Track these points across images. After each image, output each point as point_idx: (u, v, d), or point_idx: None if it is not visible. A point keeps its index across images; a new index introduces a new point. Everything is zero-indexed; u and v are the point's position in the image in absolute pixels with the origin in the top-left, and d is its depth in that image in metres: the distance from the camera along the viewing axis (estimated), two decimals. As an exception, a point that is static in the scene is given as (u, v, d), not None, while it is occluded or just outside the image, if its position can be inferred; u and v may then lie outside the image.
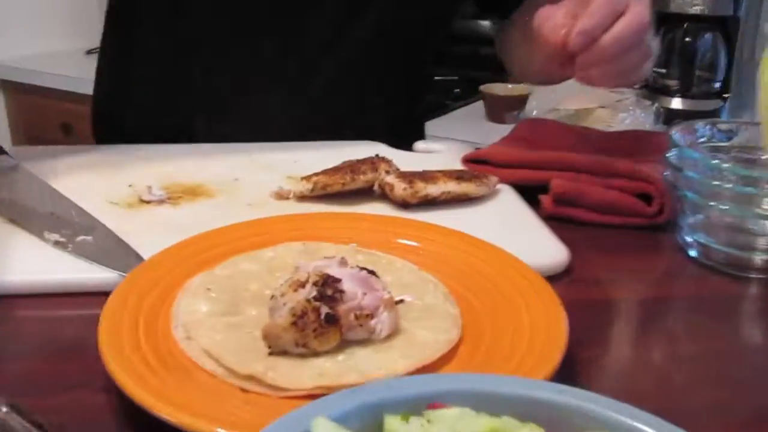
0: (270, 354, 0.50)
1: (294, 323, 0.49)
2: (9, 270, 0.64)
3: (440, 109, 2.14)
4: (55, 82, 2.65)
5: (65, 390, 0.51)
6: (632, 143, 0.95)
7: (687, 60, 2.09)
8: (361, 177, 0.81)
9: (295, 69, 1.04)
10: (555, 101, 2.05)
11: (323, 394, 0.41)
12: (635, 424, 0.35)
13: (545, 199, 0.82)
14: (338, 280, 0.52)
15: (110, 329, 0.50)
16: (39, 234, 0.70)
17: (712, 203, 0.70)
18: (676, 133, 0.74)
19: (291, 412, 0.35)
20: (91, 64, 1.18)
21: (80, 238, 0.68)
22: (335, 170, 0.82)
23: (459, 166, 0.90)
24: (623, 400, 0.36)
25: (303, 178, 0.81)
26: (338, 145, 0.97)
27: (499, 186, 0.84)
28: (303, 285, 0.51)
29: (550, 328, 0.52)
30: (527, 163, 0.86)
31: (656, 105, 1.98)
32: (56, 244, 0.68)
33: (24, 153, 0.93)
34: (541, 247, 0.71)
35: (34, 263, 0.65)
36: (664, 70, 2.14)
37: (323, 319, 0.49)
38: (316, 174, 0.82)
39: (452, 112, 2.17)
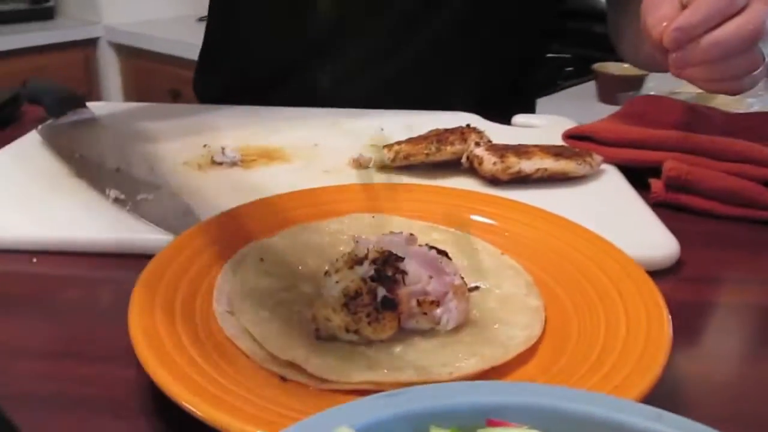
0: (317, 339, 0.44)
1: (345, 305, 0.43)
2: (58, 225, 0.60)
3: (550, 87, 2.02)
4: (166, 47, 2.70)
5: (96, 361, 0.46)
6: (762, 125, 0.83)
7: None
8: (448, 148, 0.73)
9: (393, 26, 0.98)
10: (675, 83, 1.90)
11: (373, 391, 0.35)
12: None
13: (656, 183, 0.73)
14: (401, 259, 0.45)
15: (143, 298, 0.45)
16: (101, 190, 0.66)
17: None
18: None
19: (309, 418, 0.28)
20: (201, 31, 1.16)
21: (141, 196, 0.64)
22: (420, 139, 0.75)
23: (559, 142, 0.81)
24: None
25: (385, 146, 0.75)
26: (430, 114, 0.90)
27: (603, 166, 0.75)
28: (360, 262, 0.45)
29: (650, 334, 0.43)
30: (636, 142, 0.77)
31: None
32: (115, 201, 0.64)
33: (105, 108, 0.90)
34: (646, 237, 0.62)
35: (88, 220, 0.61)
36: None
37: (379, 302, 0.43)
38: (399, 142, 0.75)
39: (562, 90, 2.05)
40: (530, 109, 1.17)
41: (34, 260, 0.58)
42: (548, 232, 0.56)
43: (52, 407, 0.42)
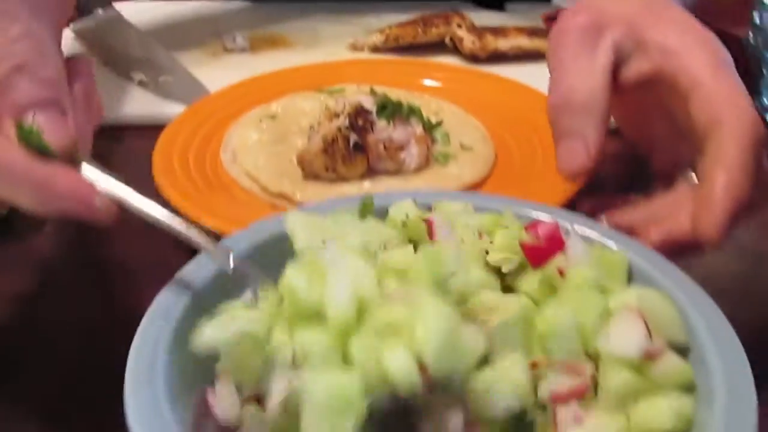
0: (304, 178, 0.54)
1: (325, 150, 0.53)
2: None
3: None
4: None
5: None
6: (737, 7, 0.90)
7: None
8: (433, 30, 0.82)
9: None
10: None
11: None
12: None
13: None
14: (369, 112, 0.54)
15: (164, 147, 0.55)
16: (126, 75, 0.76)
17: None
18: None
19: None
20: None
21: (162, 78, 0.74)
22: (408, 23, 0.83)
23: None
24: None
25: (377, 31, 0.83)
26: (426, 5, 0.97)
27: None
28: (338, 115, 0.55)
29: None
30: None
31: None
32: (140, 83, 0.74)
33: (130, 7, 0.99)
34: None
35: (118, 97, 0.72)
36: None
37: (351, 146, 0.53)
38: (390, 27, 0.83)
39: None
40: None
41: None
42: (501, 93, 0.65)
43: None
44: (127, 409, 0.29)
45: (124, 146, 0.66)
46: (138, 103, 0.71)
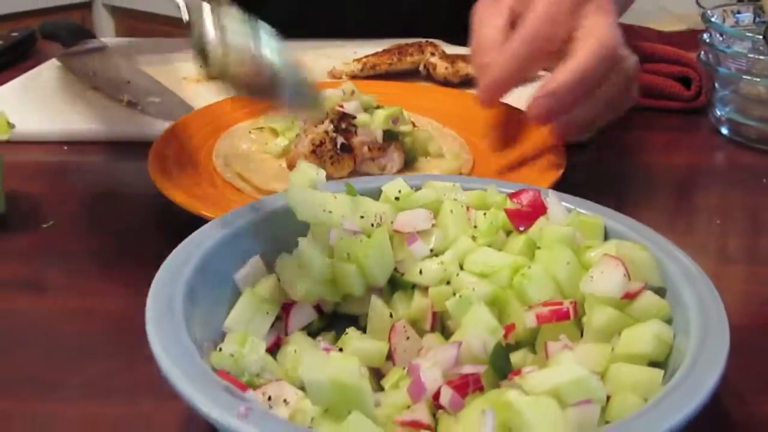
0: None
1: (313, 151, 0.56)
2: (83, 120, 0.73)
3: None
4: (158, 7, 2.78)
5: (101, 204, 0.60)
6: (687, 38, 0.96)
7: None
8: (408, 58, 0.86)
9: None
10: (641, 22, 2.01)
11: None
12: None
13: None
14: (353, 117, 0.58)
15: (158, 153, 0.58)
16: (114, 97, 0.79)
17: (746, 77, 0.72)
18: (711, 12, 0.75)
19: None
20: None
21: (149, 99, 0.77)
22: (384, 52, 0.88)
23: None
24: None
25: (354, 60, 0.87)
26: (399, 41, 1.02)
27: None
28: (322, 122, 0.58)
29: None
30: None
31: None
32: (128, 103, 0.77)
33: (113, 41, 1.02)
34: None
35: (107, 117, 0.74)
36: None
37: (338, 147, 0.56)
38: (367, 56, 0.87)
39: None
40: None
41: (65, 148, 0.71)
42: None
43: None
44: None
45: (118, 159, 0.69)
46: (127, 122, 0.73)
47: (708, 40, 0.74)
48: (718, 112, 0.76)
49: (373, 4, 1.10)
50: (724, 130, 0.76)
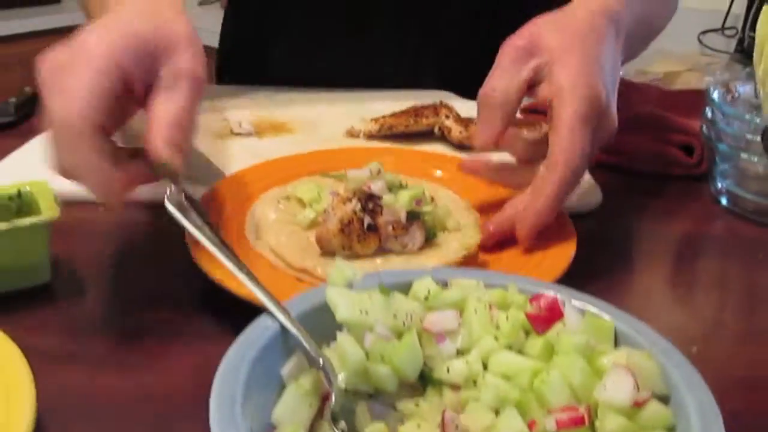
0: (321, 255, 0.61)
1: (341, 230, 0.60)
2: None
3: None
4: None
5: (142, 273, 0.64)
6: (688, 101, 1.00)
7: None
8: (423, 120, 0.90)
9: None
10: (640, 64, 2.06)
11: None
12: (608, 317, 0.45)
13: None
14: (379, 197, 0.62)
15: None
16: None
17: (744, 155, 0.76)
18: (712, 88, 0.79)
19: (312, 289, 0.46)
20: (203, 15, 1.29)
21: (181, 161, 0.81)
22: (401, 113, 0.92)
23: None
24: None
25: (372, 119, 0.92)
26: (413, 94, 1.07)
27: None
28: (350, 200, 0.62)
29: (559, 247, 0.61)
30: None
31: (747, 69, 1.97)
32: (161, 165, 0.81)
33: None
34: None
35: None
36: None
37: (365, 227, 0.60)
38: (384, 116, 0.92)
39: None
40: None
41: (101, 209, 0.75)
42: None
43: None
44: None
45: (154, 220, 0.73)
46: (160, 185, 0.77)
47: (710, 117, 0.78)
48: (719, 184, 0.81)
49: (378, 53, 1.15)
50: (724, 201, 0.80)
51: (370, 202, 0.62)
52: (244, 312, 0.48)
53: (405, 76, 1.15)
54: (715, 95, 0.79)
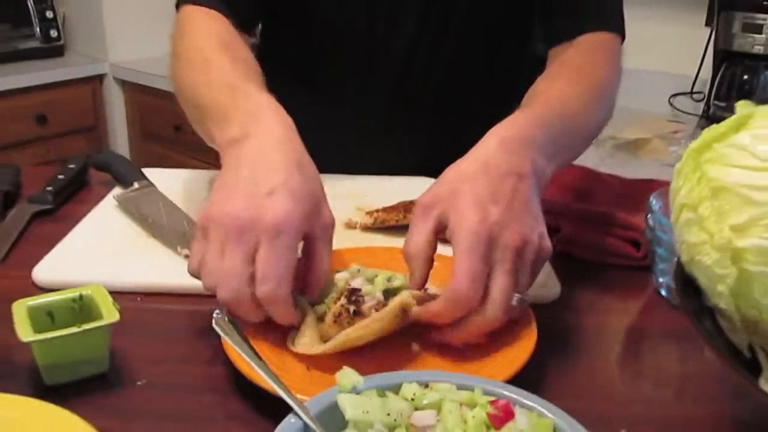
0: (324, 341, 0.76)
1: (335, 321, 0.75)
2: (153, 274, 0.91)
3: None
4: (167, 84, 2.95)
5: (183, 363, 0.78)
6: (638, 194, 1.15)
7: (745, 95, 2.26)
8: (410, 215, 1.05)
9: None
10: (612, 129, 2.23)
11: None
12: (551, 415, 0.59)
13: (553, 240, 1.04)
14: (359, 290, 0.77)
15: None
16: (173, 248, 0.97)
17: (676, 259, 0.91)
18: (653, 198, 0.94)
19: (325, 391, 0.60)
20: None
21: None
22: (392, 208, 1.07)
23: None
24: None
25: (367, 213, 1.07)
26: (399, 180, 1.22)
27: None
28: (339, 298, 0.77)
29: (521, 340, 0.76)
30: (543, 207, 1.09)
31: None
32: (186, 257, 0.94)
33: (156, 174, 1.20)
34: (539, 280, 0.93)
35: (169, 270, 0.92)
36: (724, 104, 2.32)
37: (352, 314, 0.75)
38: (377, 210, 1.07)
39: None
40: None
41: (139, 299, 0.89)
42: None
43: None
44: None
45: (187, 309, 0.87)
46: (186, 276, 0.91)
47: (651, 224, 0.93)
48: (660, 279, 0.95)
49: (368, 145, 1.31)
50: (664, 293, 0.95)
51: (353, 295, 0.77)
52: (273, 399, 0.63)
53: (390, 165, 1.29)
54: (655, 205, 0.94)
